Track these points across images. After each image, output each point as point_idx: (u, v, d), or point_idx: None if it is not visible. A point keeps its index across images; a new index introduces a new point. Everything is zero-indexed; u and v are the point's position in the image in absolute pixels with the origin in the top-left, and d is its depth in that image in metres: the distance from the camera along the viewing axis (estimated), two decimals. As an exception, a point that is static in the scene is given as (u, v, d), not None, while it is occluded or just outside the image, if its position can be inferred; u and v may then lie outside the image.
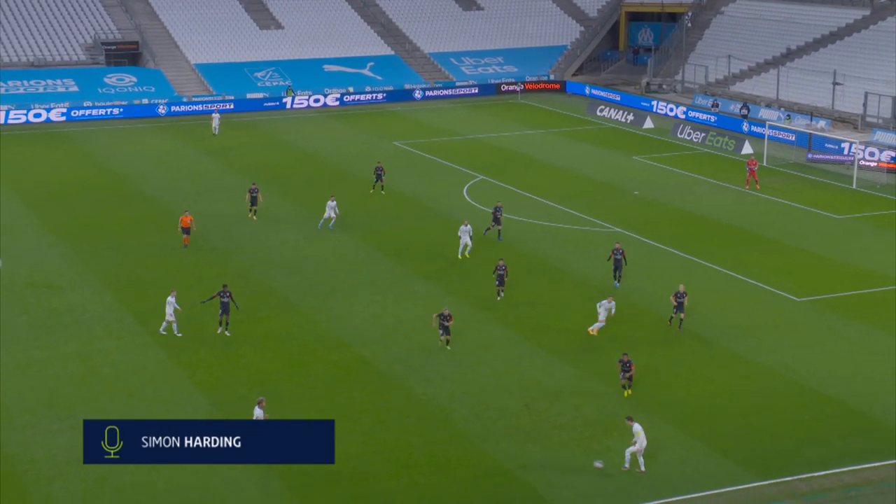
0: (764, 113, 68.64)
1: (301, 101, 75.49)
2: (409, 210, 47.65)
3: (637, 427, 25.02)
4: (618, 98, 76.94)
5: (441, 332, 31.14)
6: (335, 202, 44.07)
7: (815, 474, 24.83)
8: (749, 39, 79.81)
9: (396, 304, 35.33)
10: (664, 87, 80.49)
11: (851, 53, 71.97)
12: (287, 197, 49.41)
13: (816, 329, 33.61)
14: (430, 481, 24.64)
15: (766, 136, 59.87)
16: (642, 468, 24.89)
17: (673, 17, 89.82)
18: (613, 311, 32.60)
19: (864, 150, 56.05)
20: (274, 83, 77.50)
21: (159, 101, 73.01)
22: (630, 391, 28.20)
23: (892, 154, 55.90)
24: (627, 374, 28.29)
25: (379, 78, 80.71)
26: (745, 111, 68.72)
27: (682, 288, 33.22)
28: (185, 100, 73.56)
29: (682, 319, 32.86)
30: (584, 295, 36.43)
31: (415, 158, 59.16)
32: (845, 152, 57.75)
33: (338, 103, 76.37)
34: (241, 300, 34.26)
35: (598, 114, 73.04)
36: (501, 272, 35.49)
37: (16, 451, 25.84)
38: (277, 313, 34.65)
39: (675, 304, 32.77)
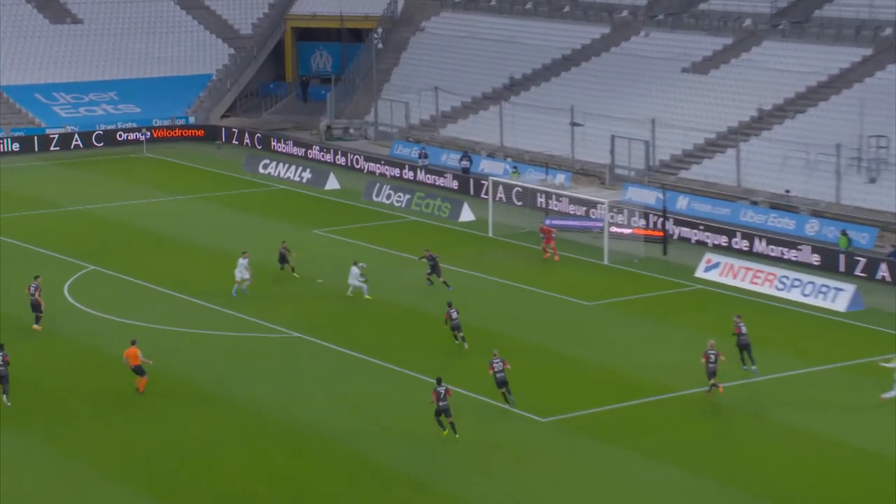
0: (485, 165, 71.51)
1: None
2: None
3: None
4: (288, 148, 78.01)
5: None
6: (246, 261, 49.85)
7: None
8: (461, 65, 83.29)
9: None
10: (352, 131, 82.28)
11: (591, 84, 76.62)
12: None
13: (564, 459, 35.33)
14: None
15: (490, 197, 62.12)
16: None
17: (358, 36, 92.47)
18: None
19: (614, 214, 58.75)
20: None
21: None
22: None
23: (654, 217, 59.53)
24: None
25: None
26: (466, 163, 71.20)
27: None
28: None
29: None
30: (246, 430, 36.86)
31: (-12, 243, 57.77)
32: (591, 217, 61.16)
33: None
34: None
35: (262, 171, 73.52)
36: (455, 322, 43.69)
37: None
38: None
39: None
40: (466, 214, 63.21)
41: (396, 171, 72.29)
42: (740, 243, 56.81)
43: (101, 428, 37.83)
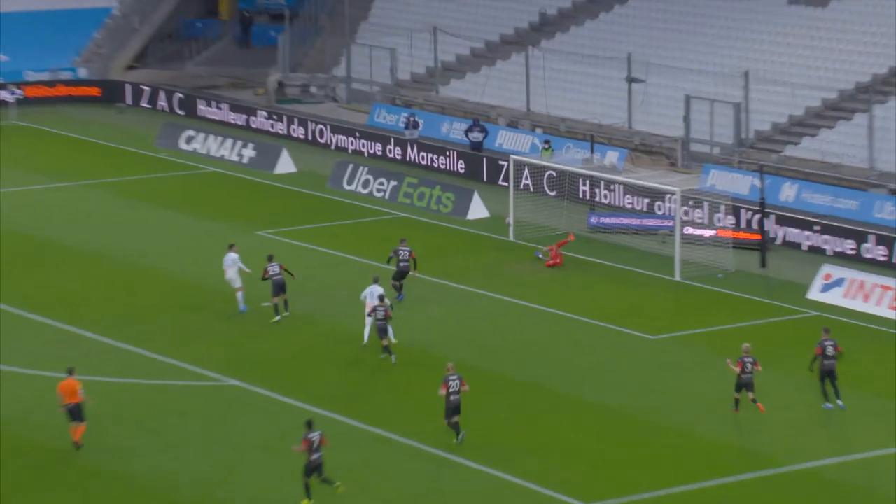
0: (505, 138, 71.57)
1: None
2: None
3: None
4: (222, 114, 78.33)
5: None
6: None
7: None
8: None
9: None
10: (313, 90, 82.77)
11: (657, 23, 76.96)
12: None
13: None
14: None
15: (512, 185, 61.99)
16: None
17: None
18: None
19: (689, 208, 59.22)
20: None
21: None
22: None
23: (747, 212, 59.35)
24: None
25: None
26: (477, 135, 71.06)
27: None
28: None
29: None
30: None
31: None
32: (658, 213, 60.93)
33: None
34: None
35: (184, 146, 73.96)
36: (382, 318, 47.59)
37: None
38: None
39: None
40: (477, 209, 63.50)
41: (378, 148, 72.39)
42: (874, 251, 56.76)
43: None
